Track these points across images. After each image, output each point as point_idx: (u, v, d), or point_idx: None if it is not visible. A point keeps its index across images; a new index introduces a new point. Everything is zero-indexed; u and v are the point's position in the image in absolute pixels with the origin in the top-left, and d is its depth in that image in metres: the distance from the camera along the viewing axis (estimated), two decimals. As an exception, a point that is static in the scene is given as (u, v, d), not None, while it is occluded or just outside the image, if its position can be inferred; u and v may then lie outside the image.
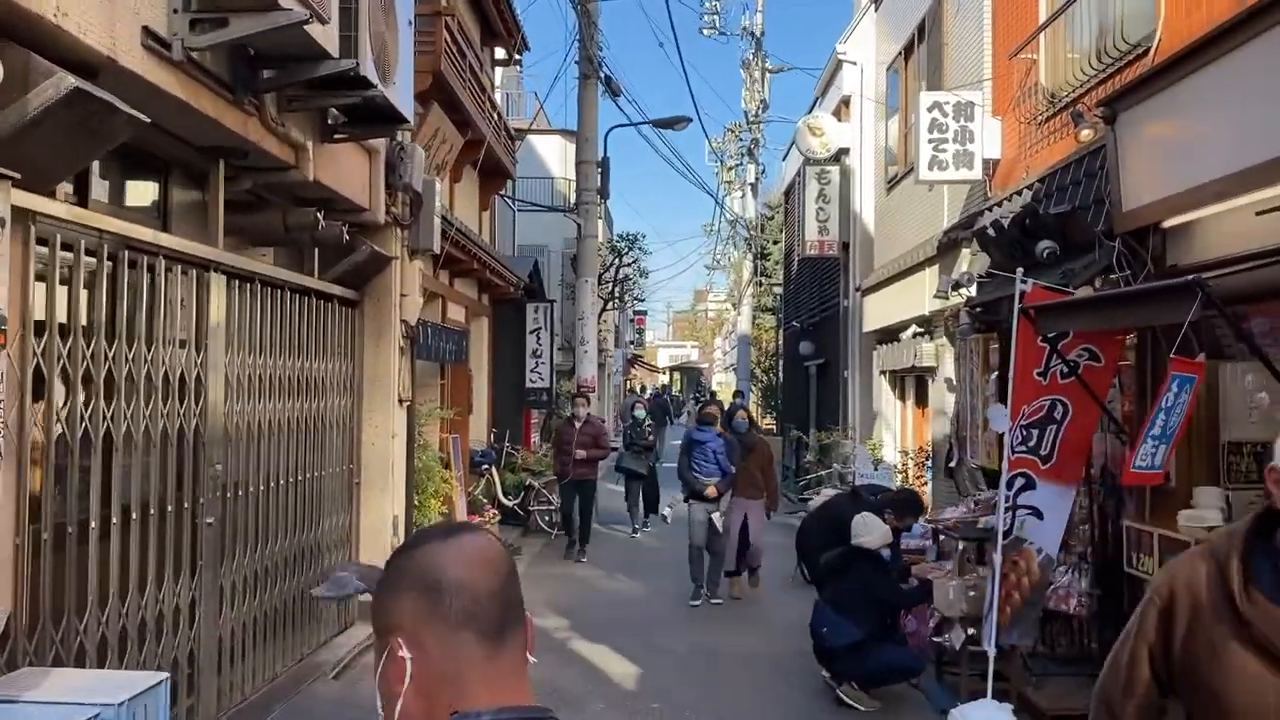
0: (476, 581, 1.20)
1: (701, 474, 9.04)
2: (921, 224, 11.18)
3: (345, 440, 7.39)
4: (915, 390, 12.80)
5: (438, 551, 1.22)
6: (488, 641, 1.19)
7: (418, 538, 1.27)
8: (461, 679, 1.17)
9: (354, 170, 6.70)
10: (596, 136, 14.57)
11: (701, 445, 9.10)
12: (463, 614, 1.18)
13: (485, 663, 1.18)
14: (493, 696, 1.17)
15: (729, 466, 9.01)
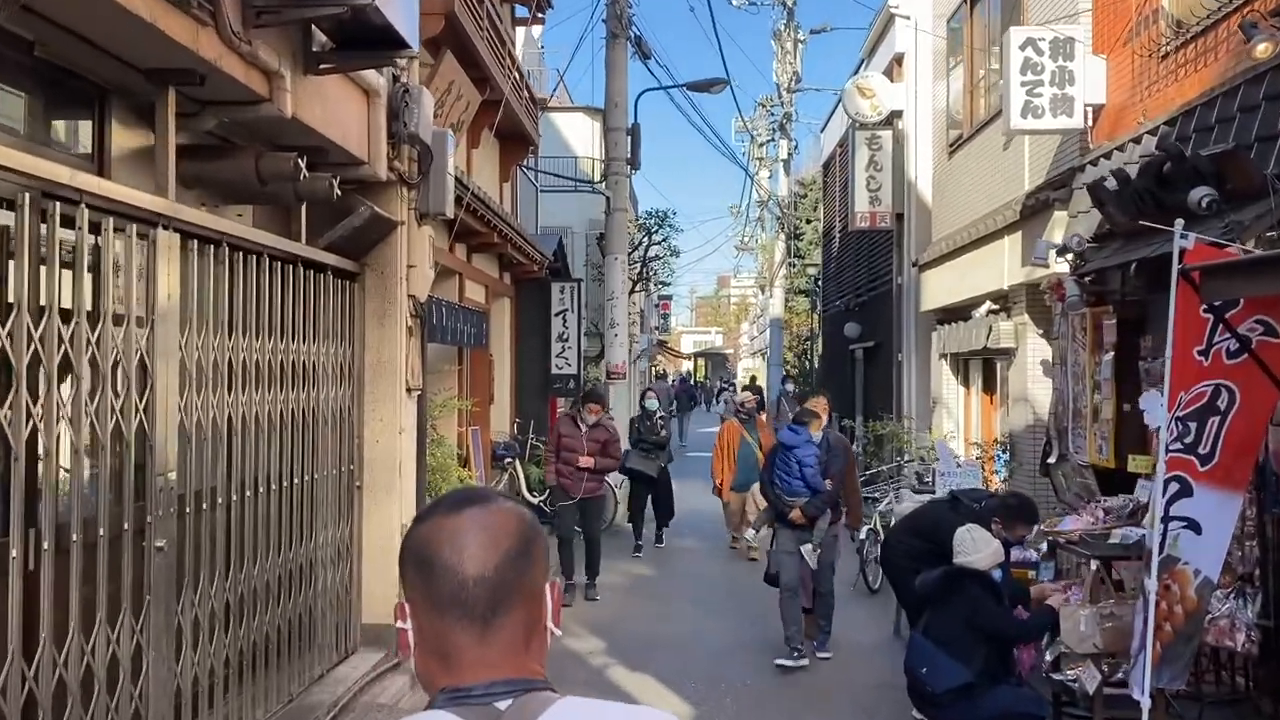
0: (466, 564, 1.19)
1: (785, 491, 7.04)
2: (996, 187, 9.94)
3: (343, 437, 6.28)
4: (983, 375, 11.57)
5: (438, 528, 1.22)
6: (476, 624, 1.19)
7: (430, 508, 1.27)
8: (450, 657, 1.20)
9: (348, 114, 5.57)
10: (626, 101, 13.39)
11: (788, 453, 7.04)
12: (449, 598, 1.19)
13: (474, 644, 1.20)
14: (482, 675, 1.19)
15: (820, 483, 6.91)
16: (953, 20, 11.77)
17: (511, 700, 1.18)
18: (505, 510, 1.24)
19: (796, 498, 6.98)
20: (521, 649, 1.22)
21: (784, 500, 7.04)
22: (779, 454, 7.12)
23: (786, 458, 7.02)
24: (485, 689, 1.18)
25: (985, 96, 10.63)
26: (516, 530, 1.23)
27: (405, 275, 6.54)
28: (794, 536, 7.05)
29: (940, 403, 12.40)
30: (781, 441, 7.15)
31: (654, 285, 27.76)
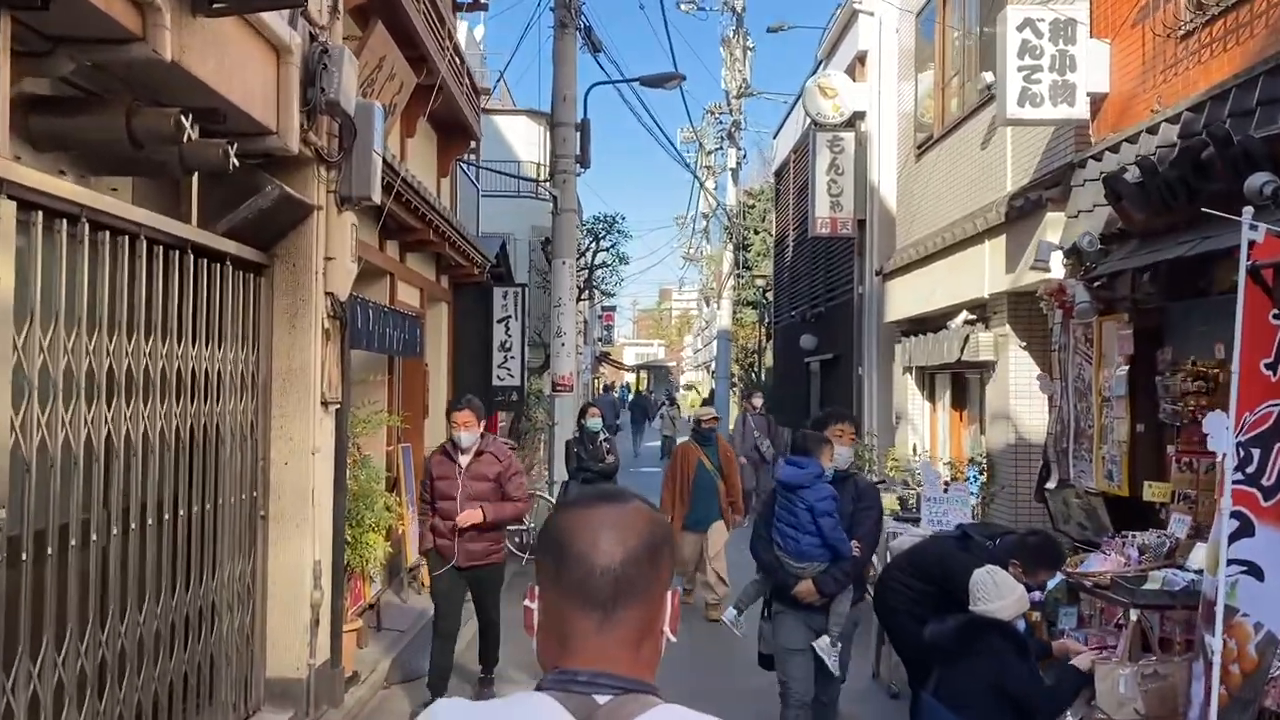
0: (595, 555, 1.26)
1: (790, 554, 4.90)
2: (973, 189, 9.28)
3: (245, 459, 5.33)
4: (951, 390, 10.90)
5: (575, 518, 1.30)
6: (596, 613, 1.25)
7: (572, 500, 1.37)
8: (568, 641, 1.27)
9: (251, 72, 4.65)
10: (575, 95, 12.52)
11: (792, 497, 4.88)
12: (575, 584, 1.26)
13: (592, 632, 1.26)
14: (592, 662, 1.25)
15: (843, 543, 4.84)
16: (923, 15, 11.14)
17: (612, 696, 1.23)
18: (639, 510, 1.33)
19: (807, 564, 4.87)
20: (635, 647, 1.28)
21: (788, 567, 4.90)
22: (779, 499, 4.98)
23: (791, 504, 4.88)
24: (590, 678, 1.24)
25: (960, 94, 9.99)
26: (646, 531, 1.30)
27: (322, 269, 5.61)
28: (803, 623, 4.94)
29: (904, 419, 11.72)
30: (783, 481, 4.93)
31: (599, 294, 26.91)
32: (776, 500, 5.01)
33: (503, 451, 6.34)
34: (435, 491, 6.15)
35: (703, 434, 8.87)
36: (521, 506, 6.40)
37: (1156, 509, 5.74)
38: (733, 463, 8.78)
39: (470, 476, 6.07)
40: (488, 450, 6.19)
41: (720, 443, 8.88)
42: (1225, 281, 5.23)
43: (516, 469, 6.30)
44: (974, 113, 9.37)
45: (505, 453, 6.34)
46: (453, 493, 6.03)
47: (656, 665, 1.32)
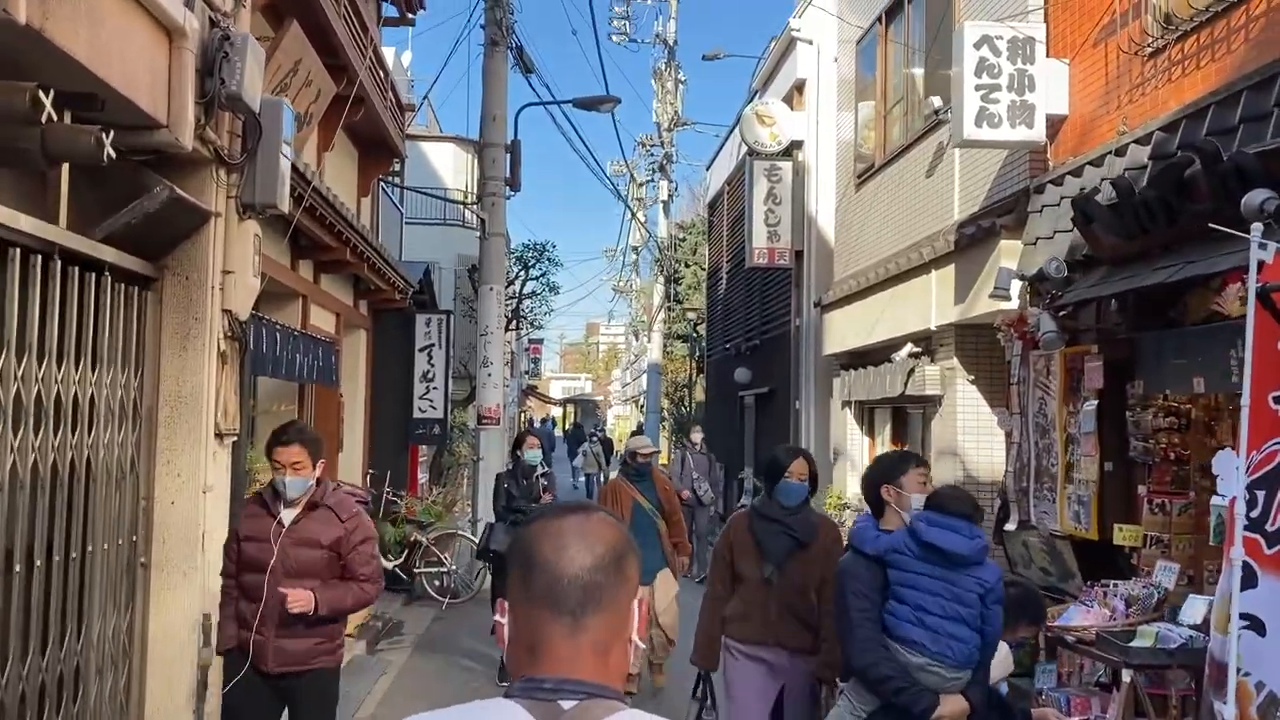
0: (562, 563, 1.29)
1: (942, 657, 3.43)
2: (918, 218, 9.00)
3: (124, 498, 4.64)
4: (892, 425, 10.57)
5: (541, 530, 1.33)
6: (565, 620, 1.28)
7: (537, 513, 1.39)
8: (536, 649, 1.29)
9: (135, 54, 4.04)
10: (506, 115, 12.05)
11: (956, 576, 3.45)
12: (543, 591, 1.29)
13: (561, 639, 1.28)
14: (560, 669, 1.27)
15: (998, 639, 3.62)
16: (863, 43, 10.92)
17: (577, 702, 1.24)
18: (603, 520, 1.37)
19: (964, 671, 3.45)
20: (603, 654, 1.30)
21: (932, 676, 3.42)
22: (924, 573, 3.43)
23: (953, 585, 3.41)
24: (556, 684, 1.26)
25: (903, 121, 9.75)
26: (612, 540, 1.34)
27: (219, 284, 4.98)
28: None
29: (843, 455, 11.36)
30: (945, 550, 3.38)
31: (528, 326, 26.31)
32: (917, 575, 3.43)
33: (347, 506, 4.36)
34: (241, 559, 4.27)
35: (637, 468, 7.44)
36: (370, 591, 4.34)
37: (1126, 553, 5.39)
38: (674, 498, 7.53)
39: (295, 540, 4.18)
40: (324, 504, 4.26)
41: (657, 478, 7.58)
42: (1199, 311, 4.93)
43: (366, 534, 4.35)
44: (918, 140, 9.11)
45: (351, 508, 4.37)
46: (265, 561, 4.16)
47: (625, 673, 1.35)
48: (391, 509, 10.97)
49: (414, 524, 10.91)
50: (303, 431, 4.38)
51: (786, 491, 4.43)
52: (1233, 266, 4.12)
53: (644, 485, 7.37)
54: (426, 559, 10.84)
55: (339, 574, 4.30)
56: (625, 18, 28.13)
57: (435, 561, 10.81)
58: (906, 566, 3.48)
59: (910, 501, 3.64)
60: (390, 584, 10.61)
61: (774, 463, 4.51)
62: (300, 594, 4.09)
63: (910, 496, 3.65)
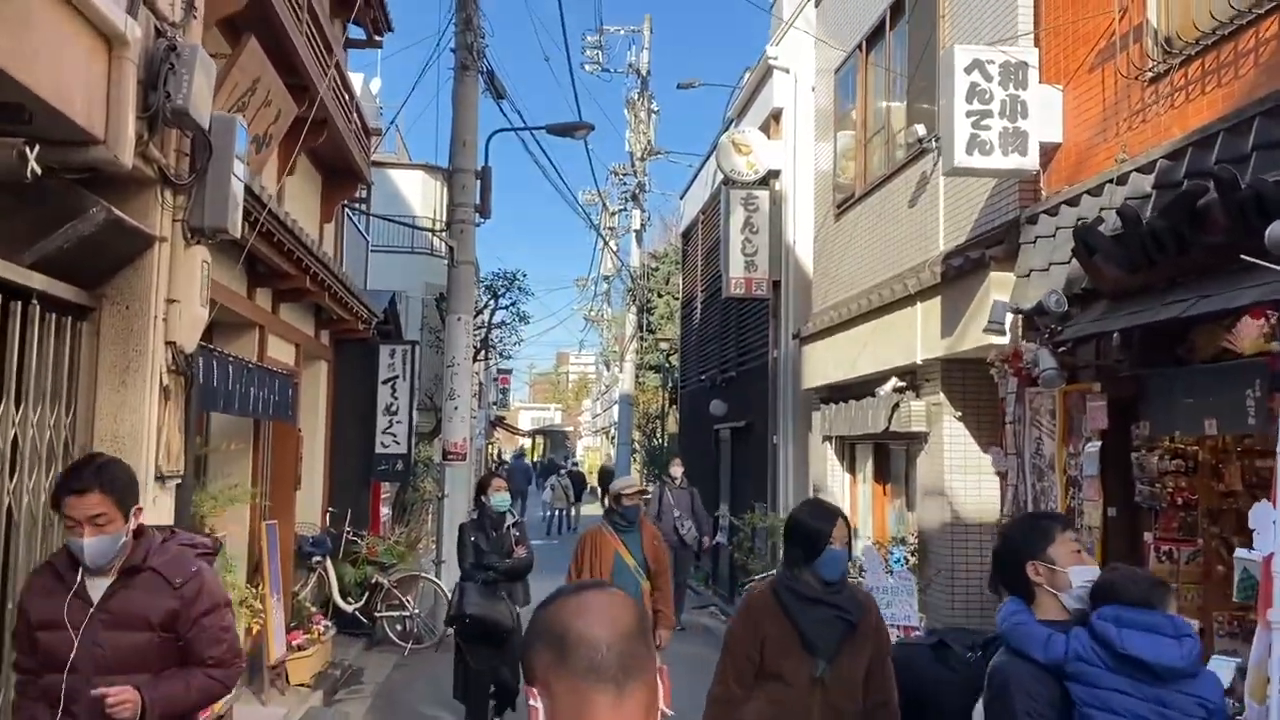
0: (598, 635, 1.35)
1: None
2: (900, 249, 8.76)
3: (53, 546, 4.22)
4: (874, 462, 10.28)
5: (565, 607, 1.40)
6: (611, 689, 1.33)
7: (552, 596, 1.45)
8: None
9: (69, 62, 3.67)
10: (476, 141, 11.74)
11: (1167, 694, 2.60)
12: (585, 664, 1.33)
13: (609, 709, 1.32)
14: None
15: None
16: (841, 71, 10.73)
17: None
18: (619, 593, 1.45)
19: None
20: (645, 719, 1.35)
21: None
22: (1123, 689, 2.63)
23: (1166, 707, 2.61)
24: None
25: (884, 150, 9.53)
26: (633, 608, 1.42)
27: (163, 314, 4.59)
28: None
29: (823, 491, 11.03)
30: (1148, 664, 2.61)
31: (497, 356, 25.91)
32: (1079, 691, 2.66)
33: (182, 566, 3.16)
34: (38, 651, 3.04)
35: (623, 514, 6.21)
36: (223, 680, 3.19)
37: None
38: (664, 557, 6.29)
39: (108, 622, 3.02)
40: (148, 566, 3.08)
41: (646, 529, 6.36)
42: (1208, 348, 4.67)
43: (213, 601, 3.18)
44: (900, 170, 8.89)
45: (188, 567, 3.17)
46: (64, 654, 2.97)
47: None
48: (352, 549, 10.51)
49: (375, 565, 10.45)
50: (103, 471, 3.06)
51: (830, 563, 3.46)
52: (1254, 301, 3.84)
53: (630, 536, 6.22)
54: (388, 602, 10.37)
55: (177, 660, 3.10)
56: (598, 47, 28.05)
57: (397, 605, 10.35)
58: (1097, 681, 2.64)
59: (1068, 579, 2.82)
60: (351, 628, 10.14)
61: (807, 529, 3.50)
62: (123, 693, 2.89)
63: (1068, 573, 2.81)
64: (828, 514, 3.59)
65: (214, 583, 3.26)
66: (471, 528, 6.82)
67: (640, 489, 6.57)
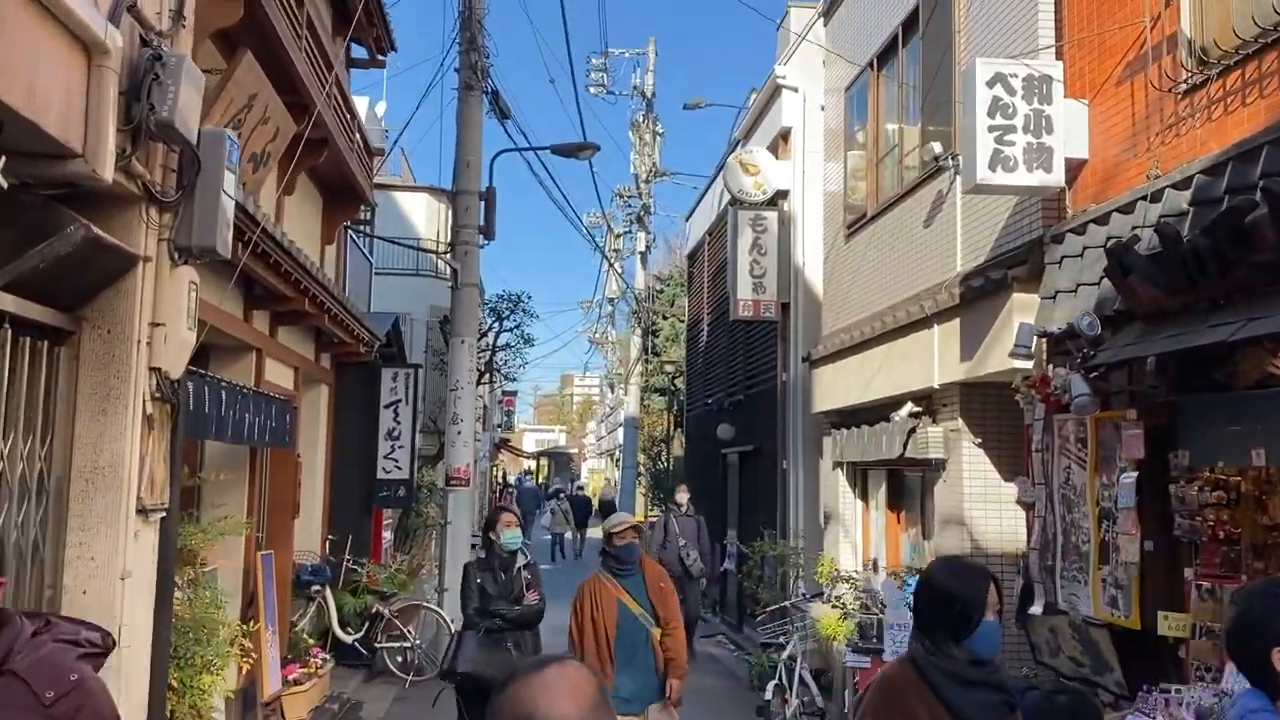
0: (566, 709, 1.36)
1: None
2: (915, 270, 8.51)
3: (26, 586, 3.97)
4: (887, 488, 9.99)
5: (527, 686, 1.40)
6: None
7: (510, 675, 1.44)
8: None
9: (44, 71, 3.45)
10: (480, 162, 11.57)
11: None
12: None
13: None
14: None
15: None
16: (852, 89, 10.53)
17: None
18: (578, 666, 1.46)
19: None
20: None
21: None
22: None
23: None
24: None
25: (896, 169, 9.31)
26: (592, 682, 1.44)
27: (146, 338, 4.35)
28: None
29: (834, 519, 10.75)
30: None
31: (501, 378, 25.68)
32: None
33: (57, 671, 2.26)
34: None
35: (617, 557, 5.63)
36: None
37: (1171, 644, 4.80)
38: (671, 599, 5.64)
39: None
40: (9, 670, 2.20)
41: (649, 570, 5.72)
42: (1252, 373, 4.40)
43: None
44: (914, 189, 8.65)
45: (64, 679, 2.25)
46: None
47: None
48: (352, 578, 10.23)
49: (376, 594, 10.17)
50: None
51: (988, 639, 2.83)
52: (1309, 324, 3.58)
53: (631, 581, 5.60)
54: (389, 632, 10.09)
55: None
56: (603, 70, 27.95)
57: (398, 635, 10.06)
58: None
59: None
60: (350, 659, 9.86)
61: (954, 597, 2.81)
62: None
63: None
64: (977, 577, 2.89)
65: (101, 700, 2.34)
66: (478, 568, 6.05)
67: (633, 525, 5.80)
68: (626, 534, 5.66)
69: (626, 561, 5.61)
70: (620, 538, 5.64)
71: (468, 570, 6.11)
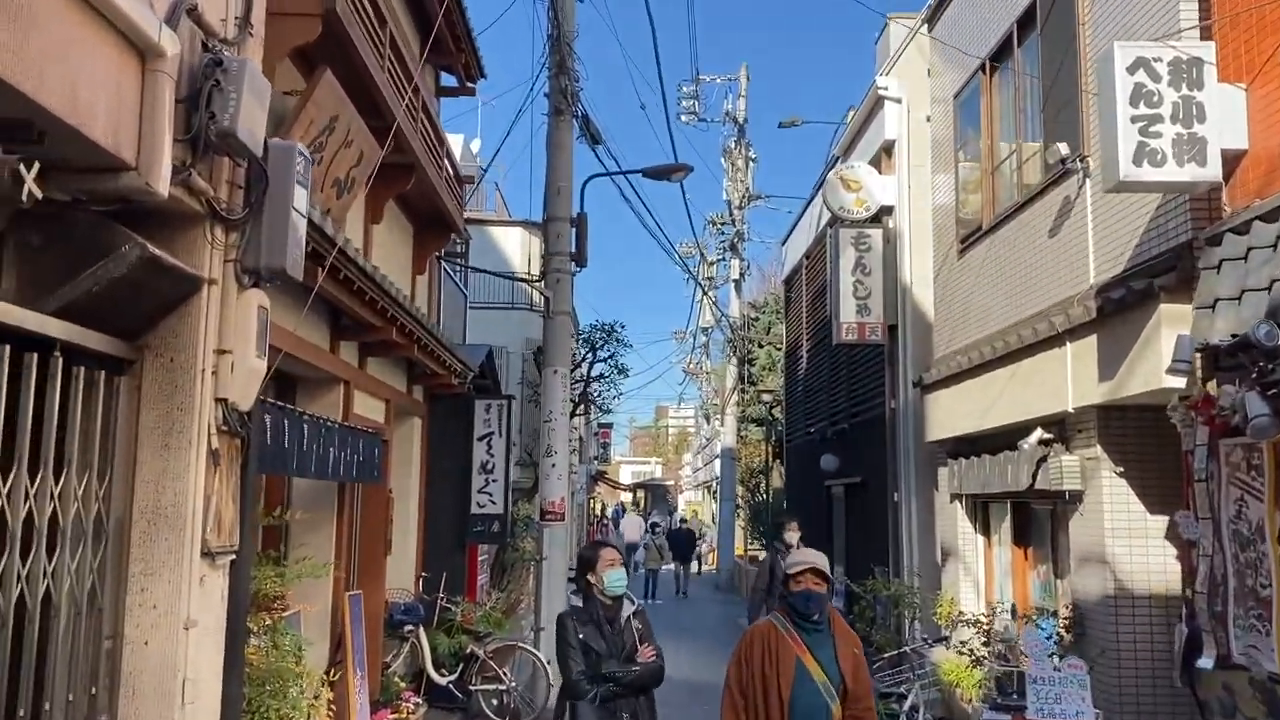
0: None
1: None
2: (1040, 284, 7.83)
3: (82, 638, 3.65)
4: (1013, 522, 9.23)
5: None
6: None
7: None
8: None
9: (89, 73, 3.16)
10: (571, 188, 11.24)
11: None
12: None
13: None
14: None
15: None
16: (962, 96, 9.90)
17: None
18: None
19: None
20: None
21: None
22: None
23: None
24: None
25: (1015, 176, 8.65)
26: None
27: (211, 367, 4.03)
28: None
29: (953, 555, 10.01)
30: None
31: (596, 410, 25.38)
32: None
33: None
34: None
35: (797, 607, 4.42)
36: None
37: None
38: (864, 674, 4.45)
39: None
40: None
41: (838, 627, 4.49)
42: None
43: None
44: (1036, 196, 7.99)
45: None
46: None
47: None
48: (446, 617, 9.89)
49: (471, 634, 9.80)
50: None
51: None
52: None
53: (816, 639, 4.37)
54: (484, 674, 9.69)
55: None
56: (694, 97, 27.69)
57: (493, 676, 9.66)
58: None
59: None
60: (444, 702, 9.49)
61: None
62: None
63: None
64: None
65: None
66: (576, 619, 4.89)
67: (817, 568, 4.42)
68: (806, 578, 4.38)
69: (810, 614, 4.39)
70: (798, 582, 4.41)
71: (564, 624, 4.89)
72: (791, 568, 4.47)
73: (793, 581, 4.43)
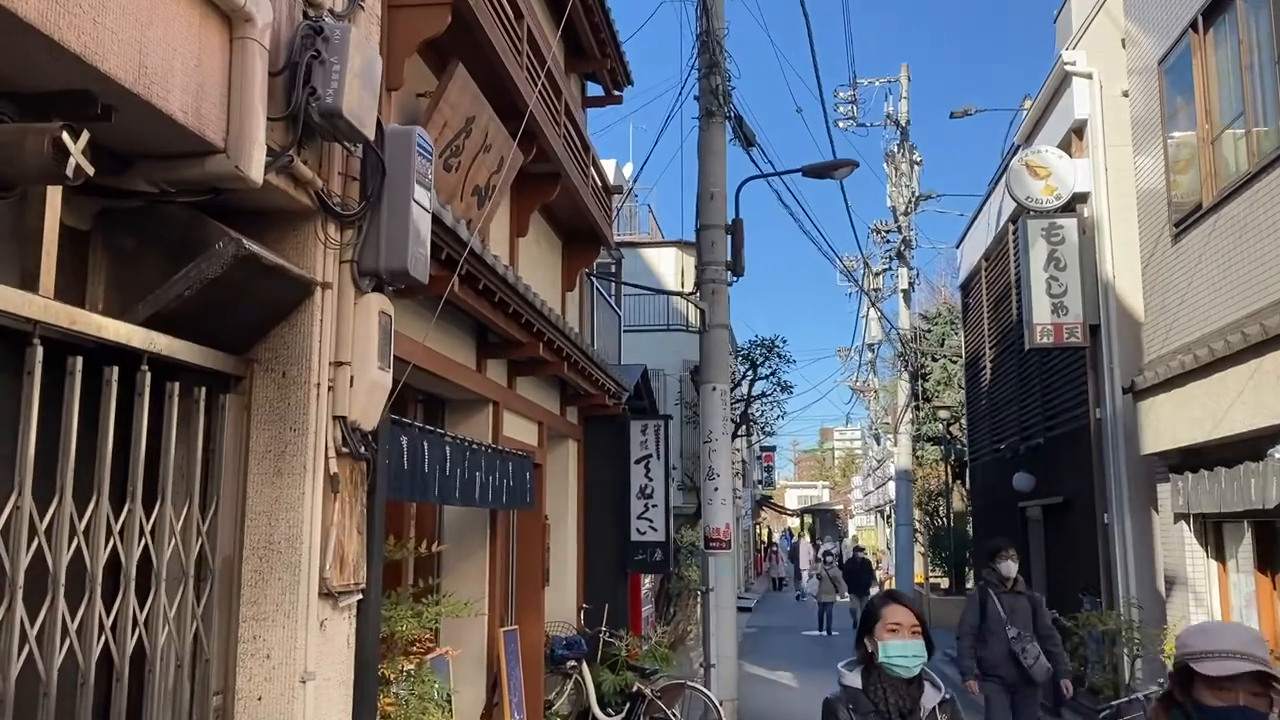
0: None
1: None
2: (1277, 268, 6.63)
3: (185, 694, 3.19)
4: (1255, 545, 7.92)
5: None
6: None
7: None
8: None
9: (163, 38, 2.71)
10: (725, 193, 10.58)
11: None
12: None
13: None
14: None
15: None
16: (1167, 62, 8.72)
17: None
18: None
19: None
20: None
21: None
22: None
23: None
24: None
25: (1242, 144, 7.45)
26: None
27: (327, 381, 3.54)
28: None
29: (1180, 584, 8.72)
30: None
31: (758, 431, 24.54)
32: None
33: None
34: None
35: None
36: None
37: None
38: None
39: None
40: None
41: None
42: None
43: None
44: (1272, 164, 6.81)
45: None
46: None
47: None
48: (610, 652, 9.30)
49: (636, 670, 9.17)
50: None
51: None
52: None
53: None
54: (652, 714, 9.03)
55: None
56: (852, 102, 26.64)
57: (663, 718, 8.99)
58: None
59: None
60: (609, 744, 8.89)
61: None
62: None
63: None
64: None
65: None
66: (853, 710, 3.09)
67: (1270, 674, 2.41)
68: (1238, 687, 2.36)
69: None
70: (1220, 689, 2.39)
71: (833, 711, 3.12)
72: (1202, 662, 2.40)
73: (1208, 689, 2.40)
